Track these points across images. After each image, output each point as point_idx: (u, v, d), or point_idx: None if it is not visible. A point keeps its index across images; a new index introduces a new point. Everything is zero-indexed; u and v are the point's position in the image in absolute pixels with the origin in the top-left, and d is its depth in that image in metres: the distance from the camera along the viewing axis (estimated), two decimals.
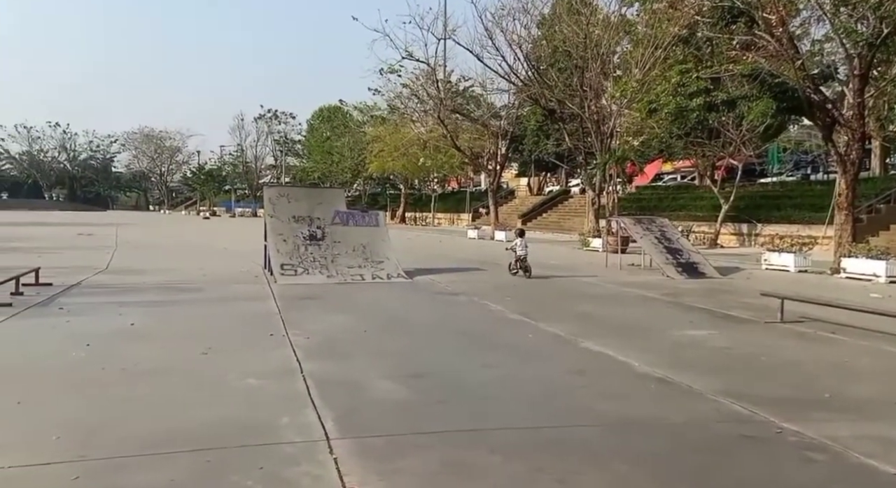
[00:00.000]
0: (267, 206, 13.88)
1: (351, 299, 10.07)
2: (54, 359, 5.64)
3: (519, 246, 13.42)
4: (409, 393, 4.92)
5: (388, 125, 45.52)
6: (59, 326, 7.11)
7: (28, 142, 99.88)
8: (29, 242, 20.64)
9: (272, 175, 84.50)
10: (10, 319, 7.35)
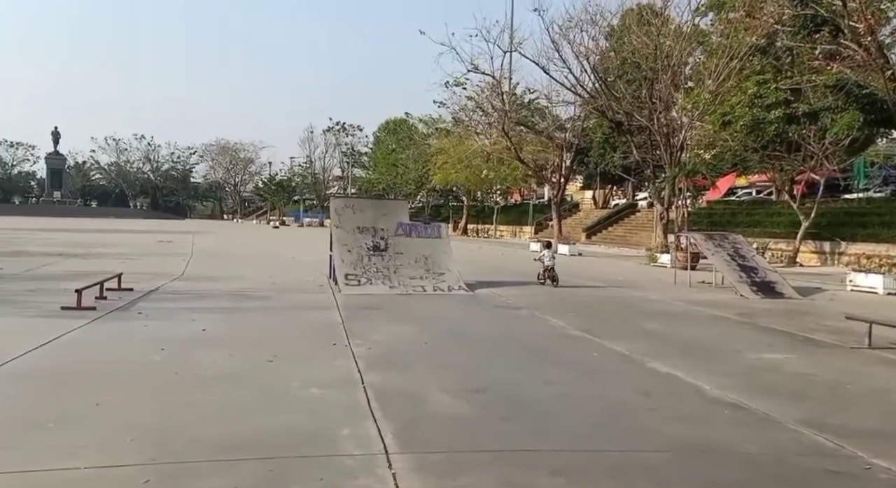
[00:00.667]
0: (333, 217, 14.17)
1: (412, 310, 10.11)
2: (132, 362, 5.90)
3: (546, 257, 14.04)
4: (470, 408, 4.86)
5: (452, 137, 45.91)
6: (138, 330, 7.45)
7: (116, 154, 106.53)
8: (113, 249, 21.86)
9: (339, 186, 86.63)
10: (94, 323, 7.75)
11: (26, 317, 8.07)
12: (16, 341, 6.39)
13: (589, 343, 7.71)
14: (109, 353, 6.28)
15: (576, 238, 35.60)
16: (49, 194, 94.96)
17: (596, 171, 43.08)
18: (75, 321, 7.63)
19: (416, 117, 61.38)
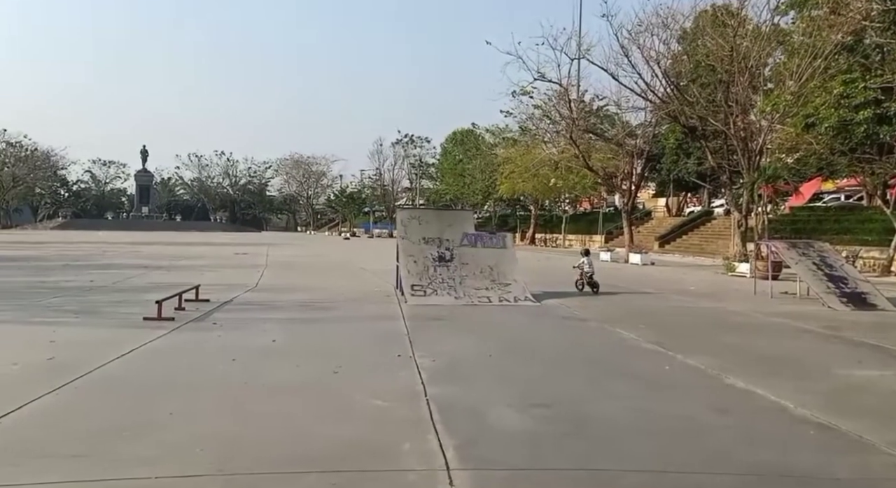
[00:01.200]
0: (399, 228, 14.32)
1: (477, 321, 10.03)
2: (204, 372, 6.10)
3: (585, 264, 14.44)
4: (534, 424, 4.73)
5: (519, 146, 45.71)
6: (212, 341, 7.73)
7: (198, 170, 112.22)
8: (194, 261, 22.93)
9: (407, 197, 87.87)
10: (172, 333, 8.10)
11: (111, 327, 8.52)
12: (100, 351, 6.74)
13: (661, 356, 7.39)
14: (184, 364, 6.52)
15: (648, 247, 34.55)
16: (138, 209, 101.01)
17: (669, 178, 41.77)
18: (155, 331, 7.99)
19: (482, 127, 61.57)
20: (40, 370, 5.90)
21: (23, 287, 13.28)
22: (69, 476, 3.55)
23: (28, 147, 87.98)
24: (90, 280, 14.88)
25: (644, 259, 26.84)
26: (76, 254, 26.50)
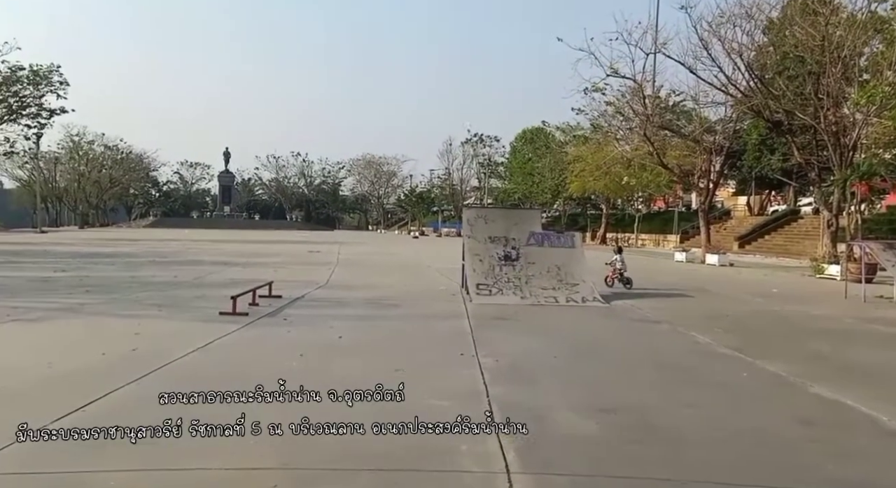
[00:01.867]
0: (465, 227, 14.30)
1: (543, 322, 9.86)
2: (273, 367, 6.25)
3: (618, 261, 15.05)
4: (599, 429, 4.57)
5: (590, 144, 44.72)
6: (282, 336, 7.94)
7: (275, 170, 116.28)
8: (269, 258, 23.74)
9: (476, 196, 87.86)
10: (245, 328, 8.39)
11: (190, 320, 8.92)
12: (178, 343, 7.06)
13: (739, 362, 7.01)
14: (254, 358, 6.73)
15: (727, 247, 33.02)
16: (220, 209, 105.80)
17: (750, 176, 39.80)
18: (229, 325, 8.30)
19: (552, 125, 60.71)
20: (125, 360, 6.23)
21: (115, 281, 14.14)
22: (144, 463, 3.71)
23: (124, 150, 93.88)
24: (174, 275, 15.68)
25: (722, 259, 25.66)
26: (163, 251, 28.03)
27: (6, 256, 22.68)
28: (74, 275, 15.24)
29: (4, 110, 43.89)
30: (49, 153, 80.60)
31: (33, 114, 45.23)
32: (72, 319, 8.84)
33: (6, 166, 75.29)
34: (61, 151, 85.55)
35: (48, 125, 47.28)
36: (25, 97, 44.23)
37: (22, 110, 44.54)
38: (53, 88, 44.62)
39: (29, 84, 43.79)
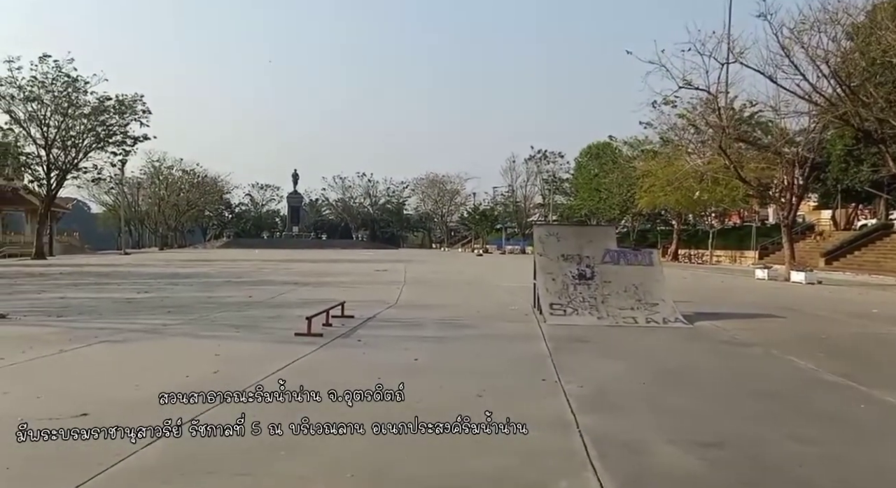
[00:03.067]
0: (536, 245, 13.98)
1: (624, 344, 9.41)
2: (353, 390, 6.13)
3: None
4: (704, 467, 4.18)
5: (659, 158, 43.50)
6: (358, 358, 7.86)
7: (342, 191, 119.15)
8: (338, 278, 24.07)
9: (540, 213, 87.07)
10: (321, 349, 8.36)
11: (267, 341, 8.99)
12: (258, 365, 7.07)
13: (851, 391, 6.39)
14: (333, 381, 6.61)
15: (812, 264, 31.18)
16: (289, 229, 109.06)
17: (835, 188, 37.64)
18: (306, 347, 8.29)
19: (619, 140, 59.53)
20: (208, 383, 6.26)
21: (194, 302, 14.57)
22: None
23: (200, 174, 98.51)
24: (249, 295, 16.04)
25: (809, 277, 24.16)
26: (237, 271, 28.93)
27: (94, 277, 23.92)
28: (156, 296, 15.83)
29: (93, 139, 46.83)
30: (132, 178, 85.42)
31: (119, 141, 48.04)
32: (155, 341, 9.06)
33: (94, 192, 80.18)
34: (143, 176, 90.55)
35: (132, 152, 50.12)
36: (112, 126, 47.07)
37: (108, 138, 47.40)
38: (137, 117, 47.35)
39: (115, 113, 46.62)
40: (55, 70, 43.83)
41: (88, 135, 46.53)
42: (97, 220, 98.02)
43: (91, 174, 49.84)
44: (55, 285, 19.76)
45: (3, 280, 22.04)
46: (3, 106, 43.20)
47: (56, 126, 45.11)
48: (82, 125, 46.01)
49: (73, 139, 46.22)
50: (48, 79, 43.82)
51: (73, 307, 13.14)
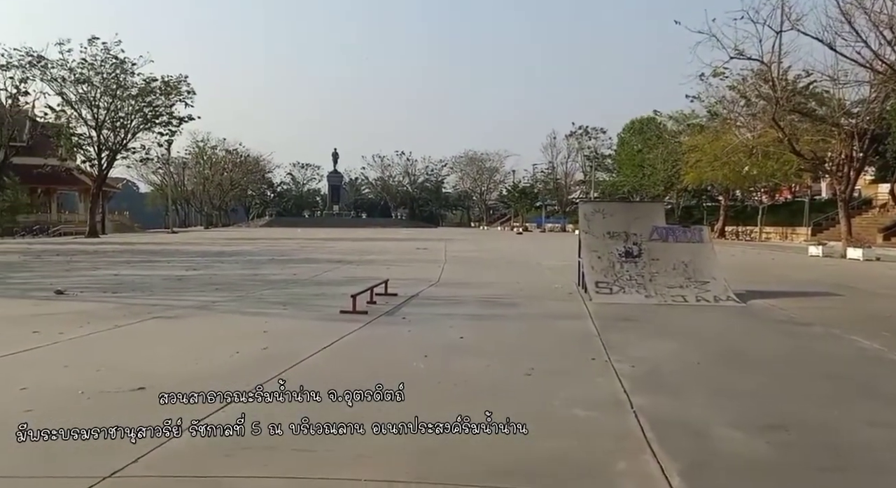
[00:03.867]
0: (581, 222, 13.69)
1: (674, 323, 9.15)
2: (400, 369, 6.10)
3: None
4: (772, 451, 3.99)
5: (706, 133, 42.15)
6: (403, 336, 7.83)
7: (381, 170, 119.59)
8: (380, 255, 24.18)
9: (581, 190, 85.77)
10: (366, 326, 8.36)
11: (313, 319, 9.05)
12: (305, 342, 7.11)
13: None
14: (380, 359, 6.63)
15: (869, 240, 29.88)
16: (329, 208, 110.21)
17: (895, 161, 35.84)
18: (351, 324, 8.30)
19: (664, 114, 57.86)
20: (257, 360, 6.32)
21: (239, 279, 14.82)
22: (284, 470, 3.61)
23: (242, 153, 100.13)
24: (293, 273, 16.24)
25: (867, 253, 23.17)
26: (281, 249, 29.36)
27: (145, 255, 24.62)
28: (204, 274, 16.16)
29: (140, 119, 47.98)
30: (178, 158, 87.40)
31: (164, 122, 49.10)
32: (205, 317, 9.22)
33: (142, 172, 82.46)
34: (188, 156, 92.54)
35: (178, 132, 51.20)
36: (158, 107, 48.11)
37: (155, 119, 48.49)
38: (182, 98, 48.23)
39: (161, 94, 47.58)
40: (103, 52, 44.90)
41: (136, 115, 47.69)
42: (146, 200, 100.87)
43: (139, 154, 51.25)
44: (108, 262, 20.40)
45: (60, 257, 22.87)
46: (55, 88, 44.56)
47: (105, 107, 46.34)
48: (130, 106, 47.17)
49: (122, 120, 47.47)
50: (97, 61, 44.95)
51: (127, 283, 13.51)
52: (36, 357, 6.44)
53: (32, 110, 43.51)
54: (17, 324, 8.17)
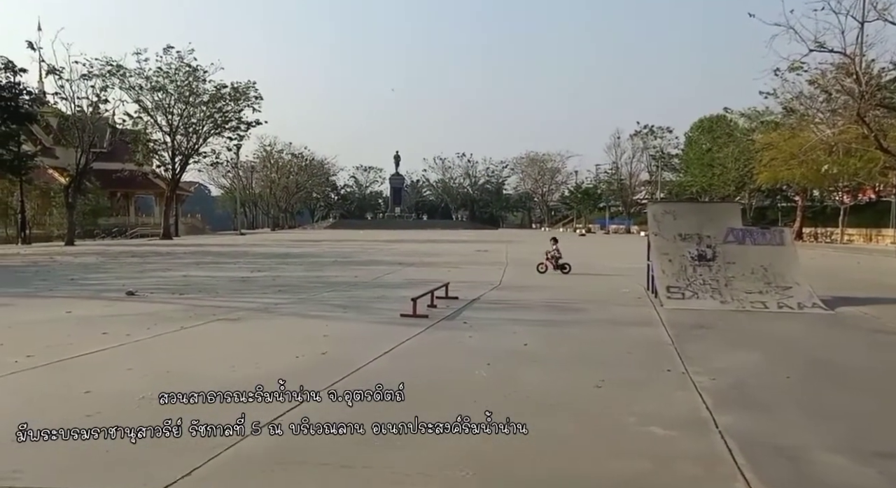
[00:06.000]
0: (651, 224, 13.07)
1: (755, 332, 8.52)
2: (463, 376, 5.86)
3: (553, 250, 17.23)
4: (886, 483, 3.50)
5: (782, 130, 40.03)
6: (464, 342, 7.57)
7: (442, 171, 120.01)
8: (440, 258, 24.04)
9: (646, 191, 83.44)
10: (428, 331, 8.16)
11: (373, 322, 8.91)
12: (366, 347, 6.97)
13: None
14: (442, 365, 6.39)
15: None
16: (391, 210, 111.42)
17: None
18: (412, 329, 8.12)
19: (736, 112, 55.45)
20: (318, 364, 6.22)
21: (302, 281, 14.96)
22: None
23: (307, 157, 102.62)
24: (355, 276, 16.27)
25: None
26: (343, 251, 29.71)
27: (213, 257, 25.38)
28: (268, 275, 16.41)
29: (211, 125, 49.88)
30: (247, 162, 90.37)
31: (234, 127, 50.88)
32: (267, 320, 9.25)
33: (213, 175, 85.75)
34: (256, 160, 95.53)
35: (246, 136, 52.94)
36: (227, 112, 49.91)
37: (225, 124, 50.36)
38: (250, 103, 49.88)
39: (230, 100, 49.30)
40: (177, 60, 46.87)
41: (207, 121, 49.63)
42: (216, 202, 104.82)
43: (210, 158, 53.30)
44: (179, 264, 21.10)
45: (135, 258, 23.85)
46: (132, 96, 46.85)
47: (179, 113, 48.46)
48: (202, 112, 49.16)
49: (194, 126, 49.53)
50: (171, 69, 46.98)
51: (194, 284, 13.84)
52: (103, 359, 6.54)
53: (112, 117, 45.82)
54: (89, 325, 8.40)
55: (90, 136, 38.97)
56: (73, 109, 40.42)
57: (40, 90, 43.33)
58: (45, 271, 18.27)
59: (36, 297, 11.97)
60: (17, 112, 34.17)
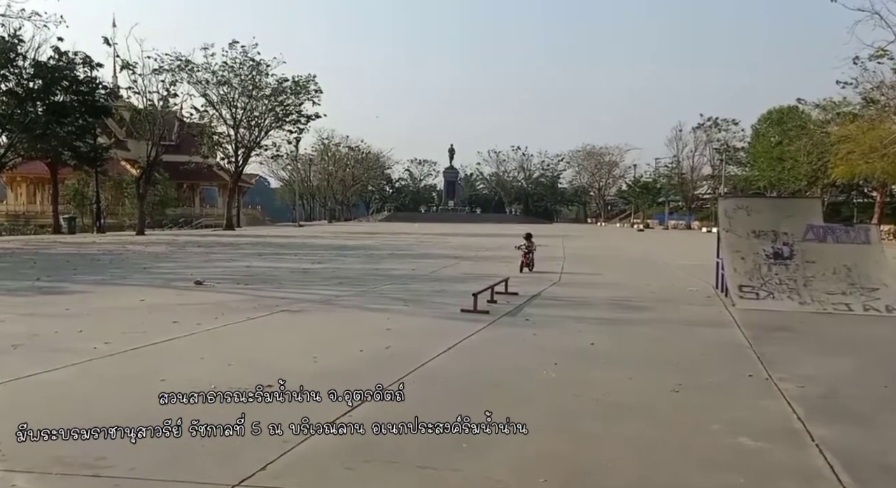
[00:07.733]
0: (722, 220, 12.49)
1: (841, 336, 7.99)
2: (529, 375, 5.67)
3: (526, 246, 16.07)
4: None
5: (860, 122, 37.83)
6: (528, 339, 7.36)
7: (496, 165, 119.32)
8: (496, 252, 23.78)
9: (709, 186, 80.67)
10: (489, 327, 7.99)
11: (434, 317, 8.82)
12: (428, 342, 6.87)
13: None
14: (506, 363, 6.21)
15: None
16: (445, 203, 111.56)
17: None
18: (473, 325, 7.96)
19: (809, 103, 52.76)
20: (381, 359, 6.15)
21: (363, 273, 15.05)
22: None
23: (364, 150, 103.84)
24: (412, 268, 16.26)
25: None
26: (399, 244, 29.86)
27: (274, 248, 25.92)
28: (328, 267, 16.59)
29: (272, 118, 51.04)
30: (305, 155, 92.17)
31: (294, 120, 51.90)
32: (329, 312, 9.29)
33: (273, 168, 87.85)
34: (314, 153, 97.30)
35: (305, 130, 53.95)
36: (288, 105, 50.92)
37: (286, 117, 51.44)
38: (310, 96, 50.73)
39: (291, 94, 50.28)
40: (242, 55, 48.07)
41: (269, 114, 50.79)
42: (276, 194, 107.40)
43: (271, 151, 54.56)
44: (242, 254, 21.63)
45: (200, 249, 24.61)
46: (199, 90, 48.37)
47: (242, 107, 49.74)
48: (263, 105, 50.34)
49: (256, 119, 50.78)
50: (236, 63, 48.22)
51: (257, 275, 14.11)
52: (176, 347, 6.67)
53: (180, 111, 47.47)
54: (161, 313, 8.63)
55: (160, 129, 40.47)
56: (144, 103, 42.10)
57: (115, 84, 45.38)
58: (119, 259, 19.04)
59: (111, 284, 12.45)
60: (94, 105, 35.84)
